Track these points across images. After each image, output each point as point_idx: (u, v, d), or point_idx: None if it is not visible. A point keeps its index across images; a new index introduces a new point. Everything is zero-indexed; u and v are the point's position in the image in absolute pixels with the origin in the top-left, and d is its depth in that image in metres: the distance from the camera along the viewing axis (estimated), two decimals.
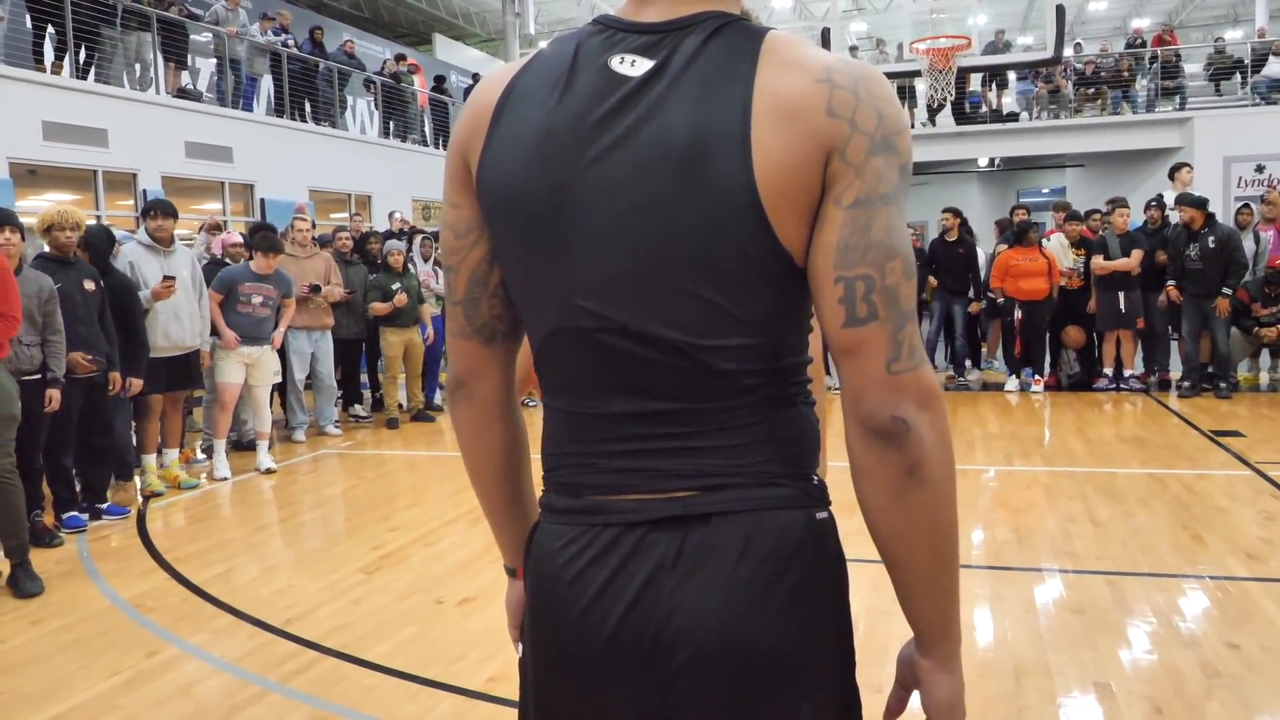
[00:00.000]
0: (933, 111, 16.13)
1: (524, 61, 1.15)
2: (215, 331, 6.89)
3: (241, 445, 7.65)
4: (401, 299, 8.59)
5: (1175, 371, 9.58)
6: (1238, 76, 17.18)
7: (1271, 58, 16.29)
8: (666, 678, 1.06)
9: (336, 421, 8.64)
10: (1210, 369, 9.22)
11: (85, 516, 5.61)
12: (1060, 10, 10.28)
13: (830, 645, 1.10)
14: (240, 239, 8.09)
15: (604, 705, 1.11)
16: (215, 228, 8.72)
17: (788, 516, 1.07)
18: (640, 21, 1.09)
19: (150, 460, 6.50)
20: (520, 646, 1.24)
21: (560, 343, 1.11)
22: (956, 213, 10.13)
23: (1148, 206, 9.83)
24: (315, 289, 8.07)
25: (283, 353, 7.91)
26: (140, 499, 6.22)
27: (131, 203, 11.42)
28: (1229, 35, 24.33)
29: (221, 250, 8.04)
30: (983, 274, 9.98)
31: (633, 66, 1.06)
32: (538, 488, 1.24)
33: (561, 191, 1.06)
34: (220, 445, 7.03)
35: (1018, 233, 9.61)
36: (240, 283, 7.04)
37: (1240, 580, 4.16)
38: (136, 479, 6.31)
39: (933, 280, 9.91)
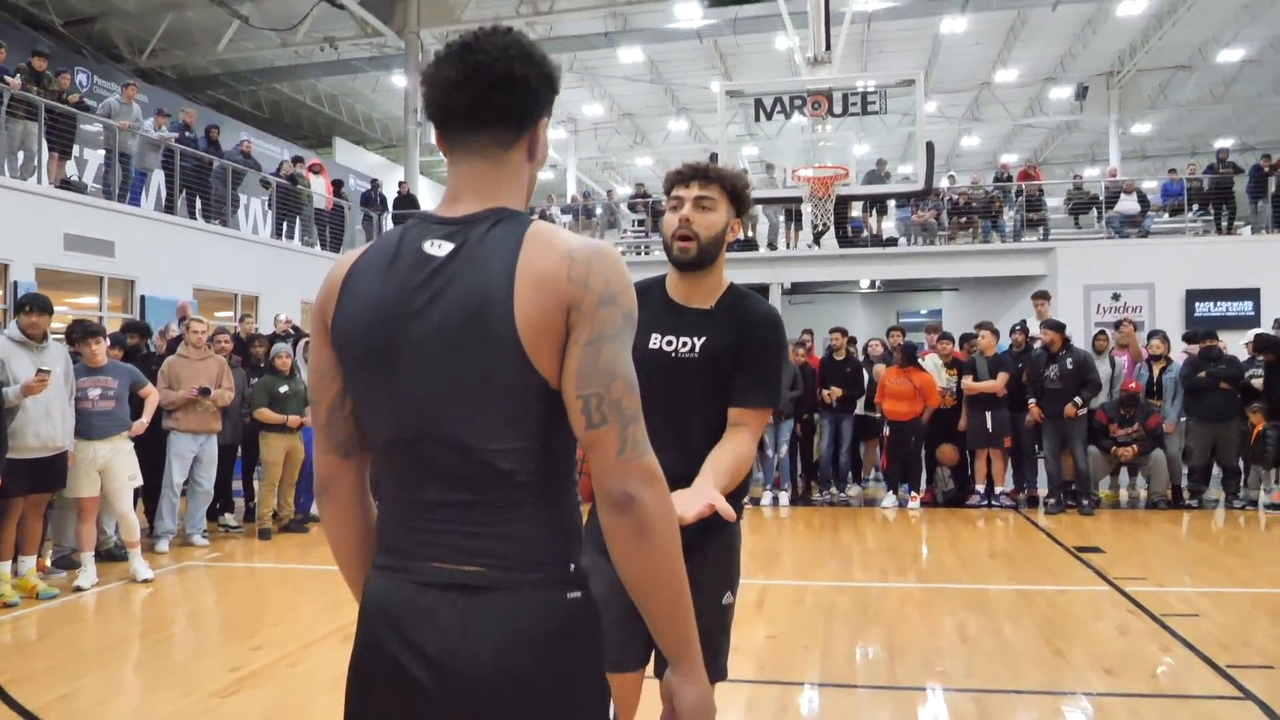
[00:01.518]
0: (817, 235, 16.81)
1: (364, 248, 1.55)
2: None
3: (100, 555, 7.26)
4: (294, 420, 8.51)
5: (1042, 488, 10.01)
6: (1094, 211, 18.42)
7: (1123, 196, 17.56)
8: (455, 707, 1.39)
9: (205, 531, 8.32)
10: (1073, 486, 9.66)
11: None
12: (930, 146, 10.96)
13: (555, 684, 1.41)
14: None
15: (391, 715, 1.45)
16: None
17: (547, 595, 1.43)
18: (447, 216, 1.49)
19: (4, 568, 6.14)
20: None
21: (392, 449, 1.49)
22: (844, 332, 10.55)
23: (1013, 330, 10.39)
24: (205, 391, 7.88)
25: (164, 454, 7.66)
26: None
27: (0, 293, 11.01)
28: (1087, 173, 26.19)
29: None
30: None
31: (439, 249, 1.45)
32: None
33: (390, 340, 1.45)
34: (88, 556, 6.69)
35: (904, 354, 9.99)
36: (75, 379, 6.69)
37: (1099, 696, 4.31)
38: None
39: (830, 393, 10.18)
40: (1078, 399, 9.27)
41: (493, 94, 1.47)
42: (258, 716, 4.16)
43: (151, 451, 7.55)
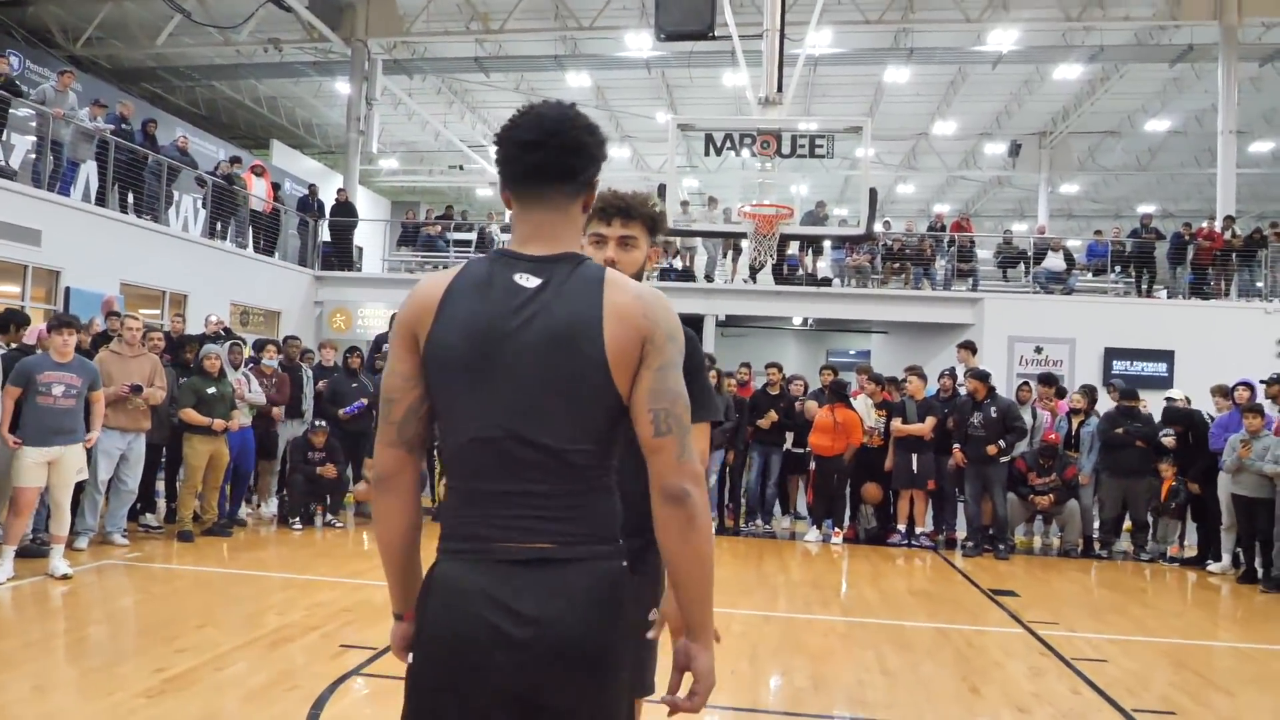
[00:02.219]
0: (754, 270, 17.04)
1: (453, 273, 1.82)
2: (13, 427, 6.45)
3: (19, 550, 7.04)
4: (220, 424, 8.41)
5: (961, 531, 10.25)
6: (1022, 266, 18.98)
7: (1050, 253, 18.13)
8: (527, 660, 1.68)
9: (125, 530, 8.11)
10: (991, 531, 9.92)
11: None
12: (873, 192, 11.23)
13: (628, 644, 1.79)
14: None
15: (483, 681, 1.70)
16: None
17: (607, 564, 1.77)
18: (528, 254, 1.81)
19: None
20: (410, 657, 1.82)
21: (475, 446, 1.75)
22: (779, 367, 10.78)
23: (941, 376, 10.66)
24: (137, 389, 7.75)
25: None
26: None
27: None
28: (1016, 227, 27.01)
29: (37, 341, 7.52)
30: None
31: (529, 281, 1.77)
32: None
33: (488, 354, 1.74)
34: (9, 550, 6.50)
35: (833, 391, 10.18)
36: (39, 372, 6.62)
37: None
38: None
39: (767, 419, 10.34)
40: (1002, 441, 9.55)
41: (564, 156, 1.81)
42: (188, 718, 4.08)
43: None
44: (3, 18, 18.34)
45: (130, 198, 14.11)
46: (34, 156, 12.80)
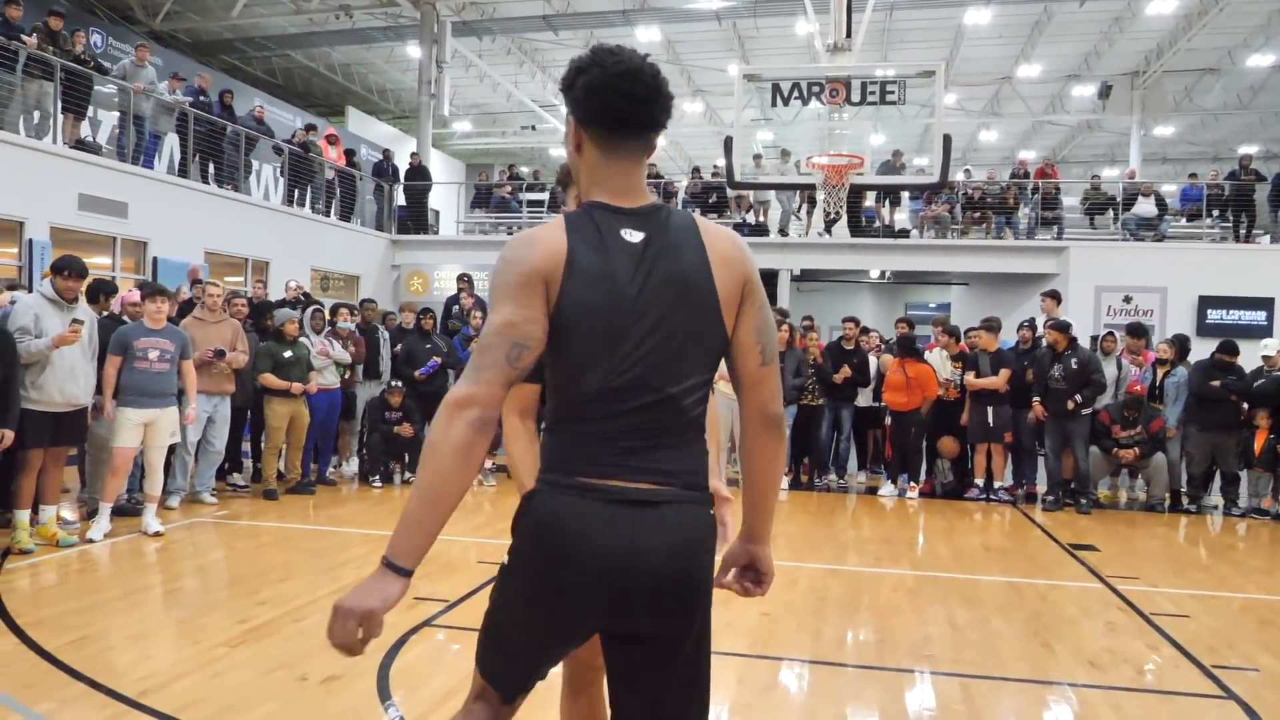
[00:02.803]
0: (829, 223, 16.80)
1: (561, 225, 1.86)
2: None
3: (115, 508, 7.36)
4: (298, 387, 8.64)
5: (1041, 486, 10.04)
6: (1110, 213, 18.34)
7: (1140, 198, 17.48)
8: (633, 590, 1.82)
9: (214, 490, 8.42)
10: (1073, 485, 9.70)
11: None
12: (947, 139, 10.93)
13: (712, 582, 1.95)
14: (137, 298, 7.86)
15: (589, 605, 1.84)
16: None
17: (698, 510, 1.91)
18: (626, 207, 1.89)
19: (23, 516, 6.26)
20: (514, 560, 1.91)
21: (603, 396, 1.84)
22: (856, 322, 10.62)
23: (1020, 327, 10.40)
24: (220, 354, 7.99)
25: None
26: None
27: (16, 251, 11.08)
28: (1105, 173, 26.05)
29: (122, 308, 7.82)
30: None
31: (633, 236, 1.86)
32: None
33: (621, 310, 1.82)
34: (105, 507, 6.83)
35: (901, 345, 10.04)
36: (135, 338, 6.91)
37: (1083, 687, 4.37)
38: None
39: (842, 374, 10.22)
40: (1079, 396, 9.30)
41: (663, 115, 1.90)
42: (263, 668, 4.25)
43: None
44: None
45: (211, 168, 14.48)
46: (118, 131, 13.19)
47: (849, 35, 10.91)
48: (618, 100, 1.83)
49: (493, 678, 1.97)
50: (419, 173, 19.57)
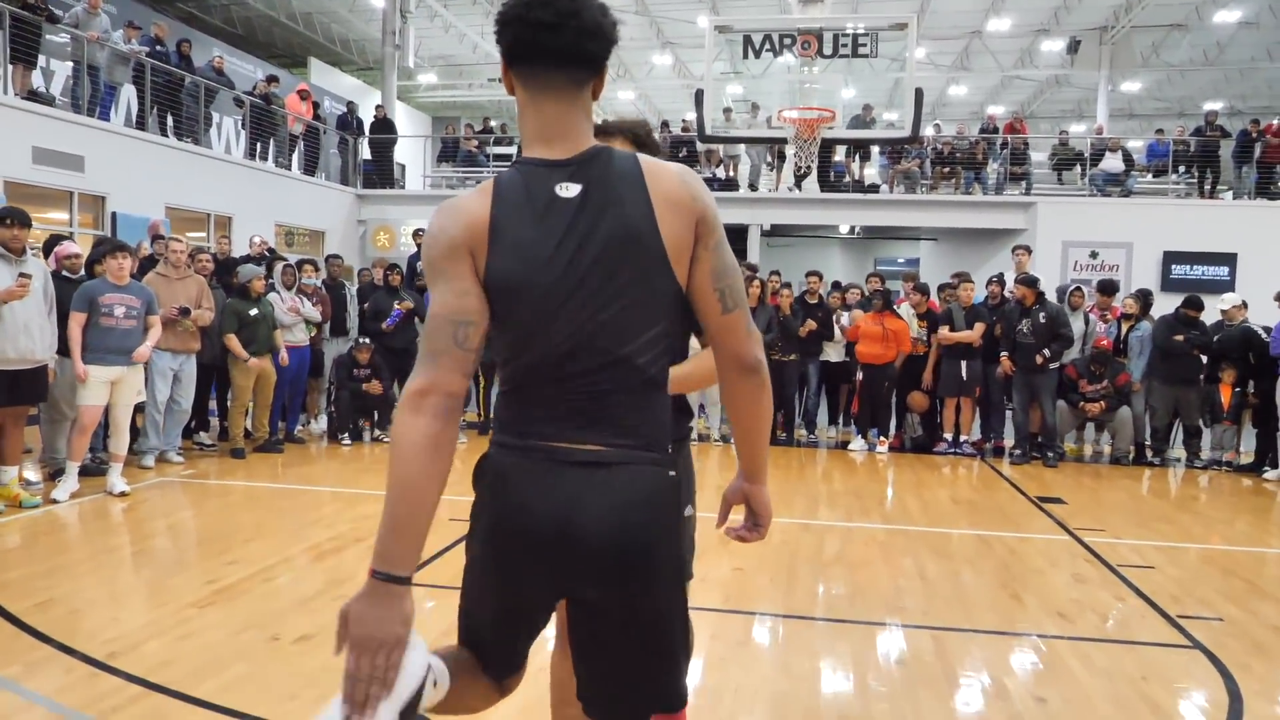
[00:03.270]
0: (799, 177, 16.74)
1: (488, 190, 1.74)
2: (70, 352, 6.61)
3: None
4: (255, 363, 8.53)
5: (1009, 439, 10.14)
6: (1078, 168, 18.41)
7: (1108, 154, 17.55)
8: (574, 554, 1.69)
9: (180, 448, 8.30)
10: (1039, 439, 9.80)
11: None
12: (919, 93, 10.88)
13: (674, 544, 1.79)
14: (76, 250, 7.65)
15: (534, 569, 1.73)
16: None
17: (656, 471, 1.77)
18: (559, 159, 1.73)
19: None
20: (468, 547, 1.82)
21: (549, 362, 1.72)
22: (819, 276, 10.59)
23: (989, 282, 10.44)
24: (185, 311, 7.84)
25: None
26: None
27: None
28: (1073, 129, 26.11)
29: (57, 263, 7.62)
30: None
31: (568, 190, 1.71)
32: None
33: (554, 277, 1.69)
34: (73, 467, 6.73)
35: (879, 298, 10.02)
36: (100, 294, 6.75)
37: (1051, 638, 4.42)
38: None
39: (806, 327, 10.20)
40: (1047, 350, 9.37)
41: (581, 39, 1.70)
42: (233, 628, 4.21)
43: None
44: None
45: (170, 120, 14.14)
46: (72, 82, 12.82)
47: None
48: (524, 30, 1.69)
49: (475, 647, 1.88)
50: (384, 125, 19.26)
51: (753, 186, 18.35)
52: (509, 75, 1.76)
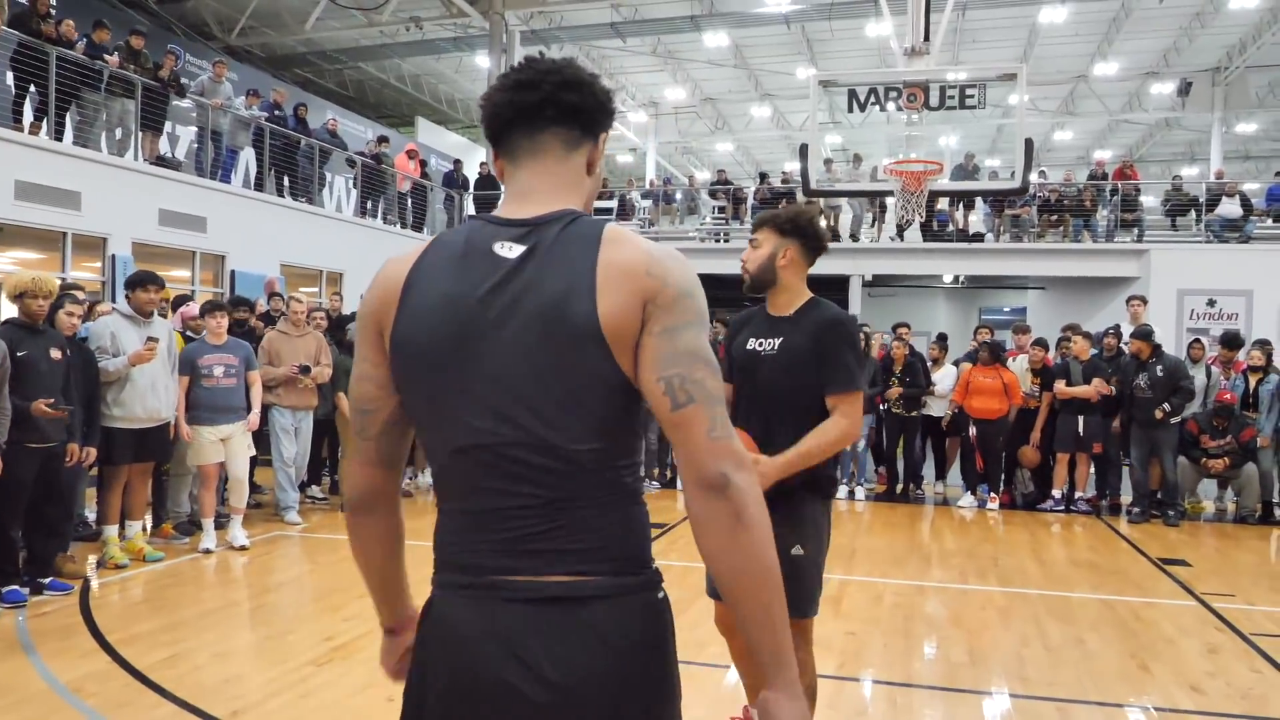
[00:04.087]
0: (901, 228, 16.56)
1: (422, 248, 1.51)
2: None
3: (194, 523, 7.46)
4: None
5: (1126, 496, 9.75)
6: (1193, 213, 17.80)
7: (1225, 199, 16.94)
8: (536, 710, 1.37)
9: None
10: (1159, 496, 9.40)
11: (26, 591, 5.46)
12: (1029, 143, 10.67)
13: (660, 688, 1.44)
14: (198, 311, 7.95)
15: None
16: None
17: (636, 599, 1.43)
18: (514, 218, 1.47)
19: (112, 531, 6.40)
20: (406, 680, 1.57)
21: (463, 458, 1.43)
22: (909, 327, 10.46)
23: (1105, 334, 10.10)
24: (305, 369, 7.96)
25: (266, 429, 7.91)
26: (93, 572, 6.09)
27: (99, 265, 11.38)
28: (1185, 172, 25.30)
29: (181, 324, 7.93)
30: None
31: (510, 250, 1.43)
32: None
33: (464, 342, 1.41)
34: (208, 523, 6.98)
35: (992, 351, 9.77)
36: (199, 356, 6.98)
37: (1184, 713, 4.20)
38: (89, 554, 6.21)
39: (893, 391, 10.05)
40: (1167, 404, 8.98)
41: (561, 91, 1.50)
42: (351, 688, 4.28)
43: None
44: (163, 13, 19.35)
45: (286, 181, 14.74)
46: (196, 147, 13.49)
47: (926, 39, 10.69)
48: (501, 94, 1.53)
49: None
50: (489, 181, 19.73)
51: (854, 237, 18.21)
52: (496, 160, 1.58)
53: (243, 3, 19.98)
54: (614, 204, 20.06)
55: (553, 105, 1.50)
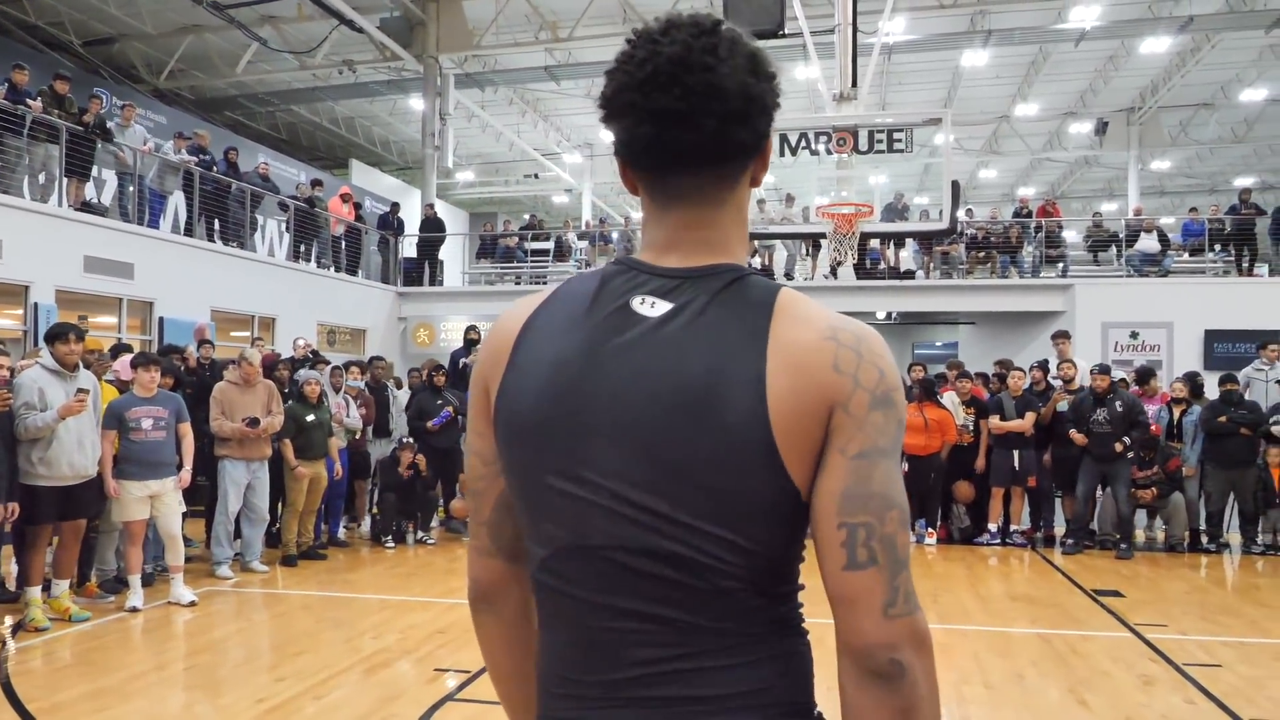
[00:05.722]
0: (834, 267, 16.81)
1: (547, 293, 1.23)
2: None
3: (122, 580, 7.24)
4: (302, 471, 8.50)
5: (1059, 528, 9.94)
6: (1113, 249, 18.37)
7: (1143, 234, 17.51)
8: None
9: (261, 555, 8.31)
10: (1097, 528, 9.60)
11: None
12: (956, 185, 10.96)
13: None
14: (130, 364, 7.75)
15: None
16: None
17: None
18: (661, 266, 1.18)
19: (35, 593, 6.17)
20: None
21: (568, 558, 1.15)
22: None
23: (1032, 368, 10.33)
24: (254, 423, 7.83)
25: (216, 482, 7.76)
26: (10, 635, 5.84)
27: (21, 313, 11.07)
28: (1105, 208, 26.12)
29: (119, 377, 7.73)
30: None
31: (652, 308, 1.14)
32: None
33: (576, 417, 1.12)
34: (135, 580, 6.77)
35: (922, 388, 9.94)
36: (127, 410, 6.79)
37: None
38: (6, 615, 5.95)
39: None
40: (1126, 438, 9.17)
41: (727, 129, 1.15)
42: None
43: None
44: (90, 56, 19.05)
45: (216, 225, 14.51)
46: (120, 192, 13.23)
47: (854, 84, 10.95)
48: (643, 124, 1.14)
49: None
50: (433, 224, 19.62)
51: (788, 275, 18.45)
52: (628, 175, 1.24)
53: (172, 45, 19.75)
54: (550, 245, 20.08)
55: (718, 147, 1.16)
